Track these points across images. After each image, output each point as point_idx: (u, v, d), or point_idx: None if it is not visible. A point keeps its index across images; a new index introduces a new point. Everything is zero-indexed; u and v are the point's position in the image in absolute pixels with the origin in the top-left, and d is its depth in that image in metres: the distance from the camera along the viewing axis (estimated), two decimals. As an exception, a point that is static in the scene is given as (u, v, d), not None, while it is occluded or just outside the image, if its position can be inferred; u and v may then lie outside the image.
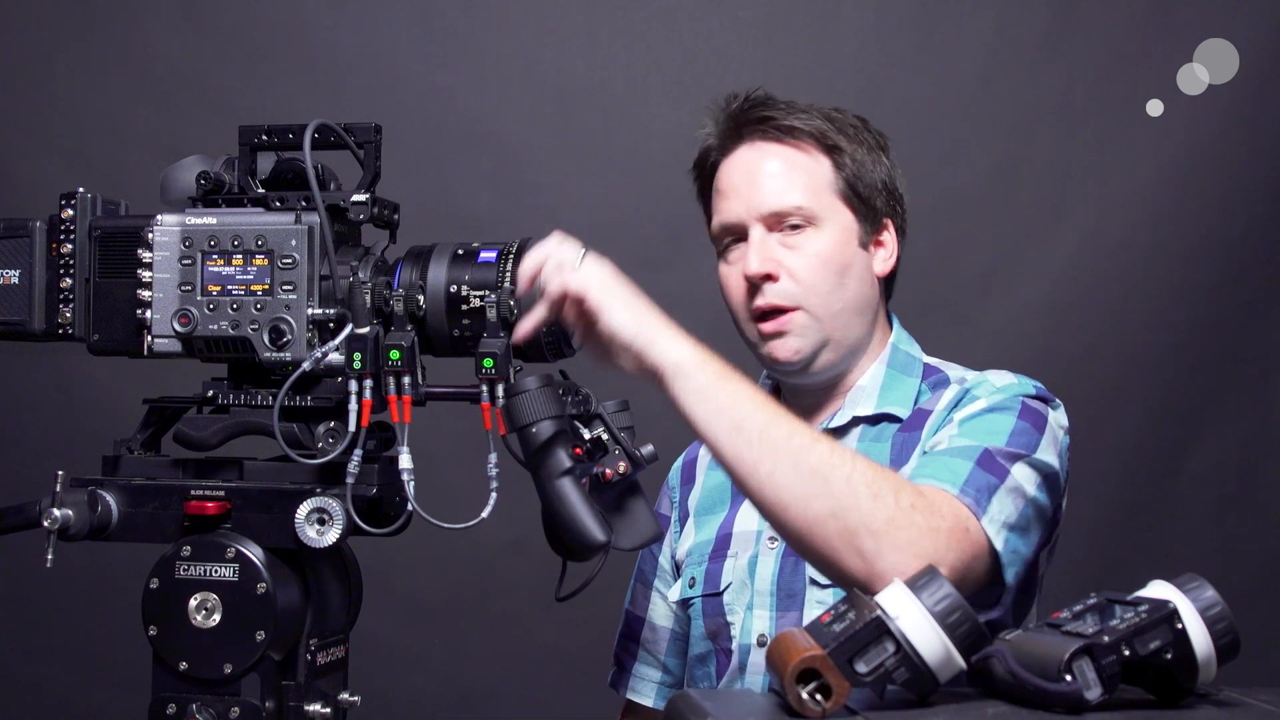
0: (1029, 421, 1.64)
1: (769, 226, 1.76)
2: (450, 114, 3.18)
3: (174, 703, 1.47)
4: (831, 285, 1.74)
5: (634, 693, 1.93)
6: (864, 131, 1.81)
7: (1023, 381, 1.71)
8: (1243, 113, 3.10)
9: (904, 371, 1.80)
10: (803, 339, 1.75)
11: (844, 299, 1.75)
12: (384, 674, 3.05)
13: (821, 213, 1.75)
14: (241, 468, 1.53)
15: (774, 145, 1.78)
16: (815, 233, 1.75)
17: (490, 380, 1.46)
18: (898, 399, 1.77)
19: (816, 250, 1.75)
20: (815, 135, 1.77)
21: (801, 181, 1.76)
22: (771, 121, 1.78)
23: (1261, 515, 3.14)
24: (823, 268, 1.74)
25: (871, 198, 1.78)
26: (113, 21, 3.18)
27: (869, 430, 1.77)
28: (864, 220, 1.78)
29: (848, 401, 1.78)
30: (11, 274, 1.58)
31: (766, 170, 1.77)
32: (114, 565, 2.28)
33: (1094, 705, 1.16)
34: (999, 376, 1.72)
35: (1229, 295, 3.12)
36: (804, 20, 3.19)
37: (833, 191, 1.77)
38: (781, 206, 1.75)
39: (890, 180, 1.81)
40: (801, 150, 1.77)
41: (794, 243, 1.75)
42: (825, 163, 1.77)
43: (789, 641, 1.22)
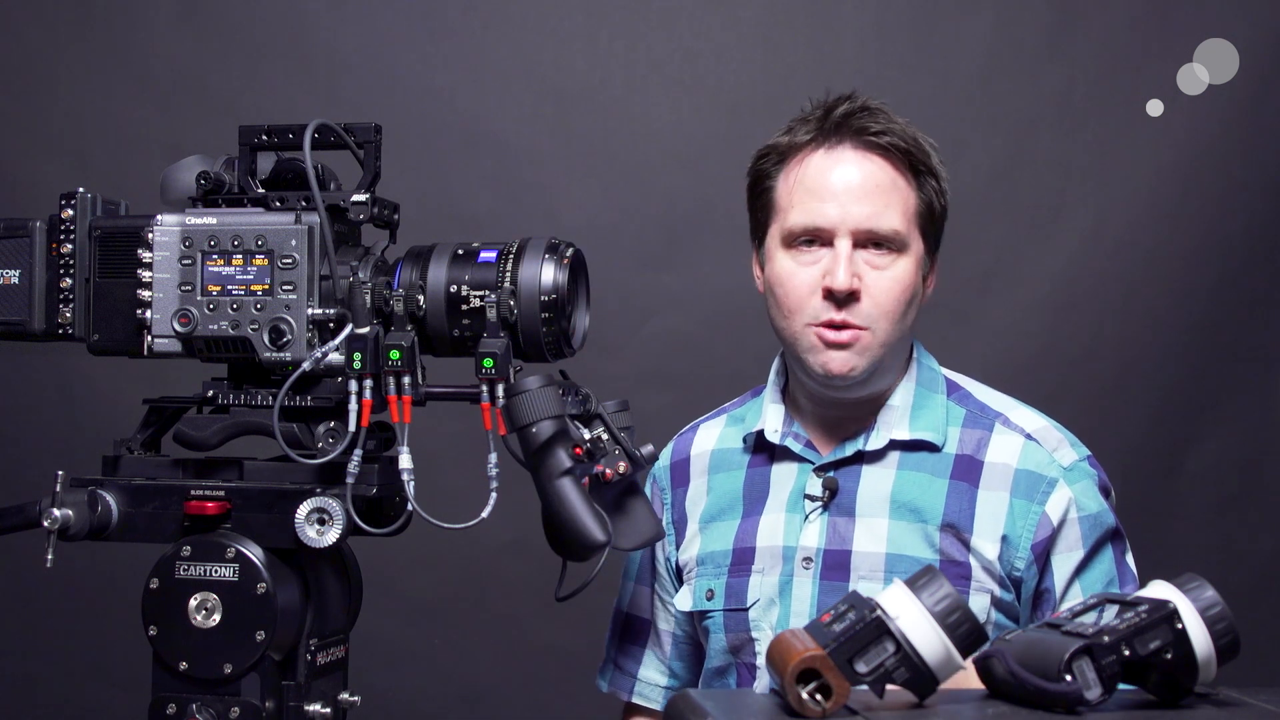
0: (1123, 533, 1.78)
1: (857, 241, 1.71)
2: (450, 114, 3.18)
3: (174, 703, 1.47)
4: (901, 314, 1.72)
5: (640, 697, 1.91)
6: (933, 155, 1.76)
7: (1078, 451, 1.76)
8: (1243, 113, 3.10)
9: (930, 388, 1.79)
10: (861, 358, 1.71)
11: (904, 327, 1.74)
12: (384, 674, 3.04)
13: (909, 239, 1.72)
14: (241, 468, 1.54)
15: (878, 158, 1.72)
16: (900, 259, 1.71)
17: (490, 380, 1.46)
18: (929, 422, 1.75)
19: (898, 277, 1.71)
20: (911, 157, 1.73)
21: (899, 205, 1.72)
22: (880, 135, 1.72)
23: (1261, 515, 3.14)
24: (901, 295, 1.71)
25: (937, 230, 1.77)
26: (113, 21, 3.18)
27: (908, 457, 1.75)
28: (930, 251, 1.76)
29: (880, 422, 1.76)
30: (11, 274, 1.58)
31: (869, 185, 1.71)
32: (114, 565, 2.28)
33: (1094, 705, 1.16)
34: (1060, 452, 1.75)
35: (1229, 295, 3.12)
36: (804, 20, 3.19)
37: (915, 218, 1.74)
38: (880, 227, 1.70)
39: (946, 210, 1.78)
40: (899, 171, 1.73)
41: (881, 264, 1.71)
42: (913, 187, 1.74)
43: (789, 641, 1.21)
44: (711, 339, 3.15)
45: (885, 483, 1.73)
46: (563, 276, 1.50)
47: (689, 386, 3.12)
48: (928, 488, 1.72)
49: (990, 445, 1.73)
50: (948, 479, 1.72)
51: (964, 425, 1.76)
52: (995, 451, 1.73)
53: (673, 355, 3.13)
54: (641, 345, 3.13)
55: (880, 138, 1.72)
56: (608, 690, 1.95)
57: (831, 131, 1.74)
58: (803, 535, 1.74)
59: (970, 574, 1.68)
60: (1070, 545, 1.71)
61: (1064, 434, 1.77)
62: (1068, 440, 1.76)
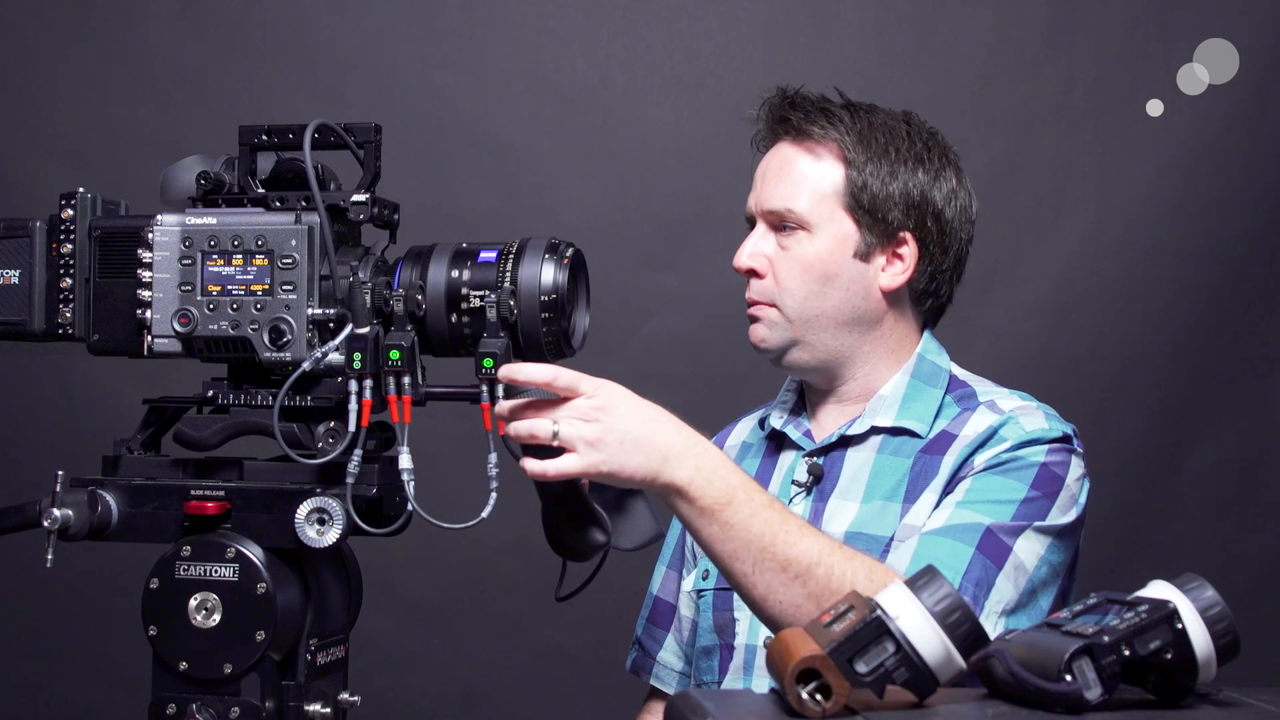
0: (1042, 489, 1.66)
1: (770, 224, 1.80)
2: (450, 114, 3.18)
3: (174, 703, 1.47)
4: (809, 291, 1.76)
5: (658, 680, 1.93)
6: (904, 141, 1.78)
7: (1051, 425, 1.72)
8: (1243, 113, 3.10)
9: (928, 383, 1.79)
10: (770, 331, 1.79)
11: (823, 306, 1.77)
12: (384, 674, 3.05)
13: (817, 219, 1.76)
14: (241, 468, 1.54)
15: (788, 145, 1.81)
16: (806, 237, 1.77)
17: (490, 380, 1.46)
18: (918, 412, 1.77)
19: (800, 254, 1.77)
20: (831, 141, 1.77)
21: (803, 186, 1.77)
22: (790, 123, 1.80)
23: (1261, 515, 3.14)
24: (804, 272, 1.76)
25: (881, 209, 1.76)
26: (113, 21, 3.18)
27: (889, 441, 1.77)
28: (869, 231, 1.77)
29: (867, 410, 1.79)
30: (11, 274, 1.58)
31: (774, 169, 1.80)
32: (114, 565, 2.28)
33: (1094, 705, 1.16)
34: (1028, 419, 1.72)
35: (1229, 295, 3.12)
36: (804, 20, 3.20)
37: (837, 199, 1.77)
38: (774, 206, 1.78)
39: (920, 195, 1.78)
40: (813, 154, 1.79)
41: (787, 243, 1.78)
42: (837, 169, 1.77)
43: (789, 641, 1.21)
44: (711, 339, 3.15)
45: (864, 466, 1.76)
46: (563, 276, 1.50)
47: (689, 386, 3.12)
48: (899, 467, 1.74)
49: (968, 422, 1.74)
50: (916, 454, 1.74)
51: (954, 417, 1.77)
52: (970, 426, 1.73)
53: (673, 355, 3.13)
54: (641, 345, 3.13)
55: (787, 125, 1.80)
56: (630, 669, 1.97)
57: (765, 126, 1.85)
58: None
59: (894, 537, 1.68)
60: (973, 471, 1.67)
61: (1045, 412, 1.75)
62: (1045, 415, 1.74)
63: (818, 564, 1.52)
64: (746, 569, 1.52)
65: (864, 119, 1.79)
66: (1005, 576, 1.60)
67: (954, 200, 1.81)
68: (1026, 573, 1.62)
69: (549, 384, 1.47)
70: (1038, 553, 1.64)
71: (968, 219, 1.83)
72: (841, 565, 1.52)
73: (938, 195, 1.79)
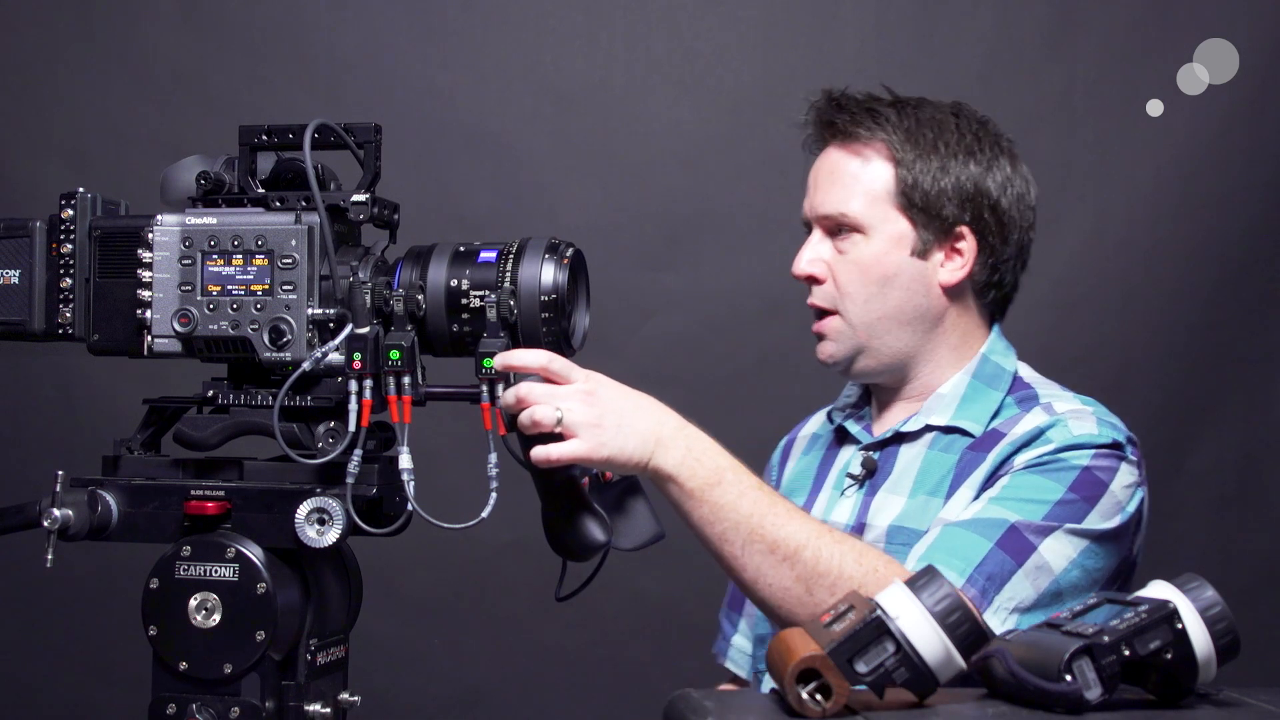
0: (1081, 493, 1.63)
1: (825, 229, 1.79)
2: (450, 114, 3.18)
3: (174, 703, 1.47)
4: (870, 294, 1.75)
5: (732, 663, 1.95)
6: (953, 134, 1.77)
7: (1102, 431, 1.68)
8: (1243, 113, 3.10)
9: (989, 384, 1.77)
10: (837, 345, 1.77)
11: (884, 308, 1.75)
12: (384, 674, 3.04)
13: (871, 220, 1.75)
14: (241, 468, 1.53)
15: (835, 149, 1.80)
16: (862, 240, 1.75)
17: (490, 380, 1.47)
18: (974, 413, 1.75)
19: (858, 257, 1.75)
20: (879, 140, 1.76)
21: (855, 187, 1.76)
22: (837, 126, 1.79)
23: (1261, 515, 3.13)
24: (861, 275, 1.75)
25: (934, 206, 1.75)
26: (113, 21, 3.18)
27: (940, 439, 1.75)
28: (924, 229, 1.75)
29: (925, 408, 1.78)
30: (11, 274, 1.58)
31: (827, 174, 1.79)
32: (114, 565, 2.28)
33: (1094, 705, 1.16)
34: (1079, 423, 1.68)
35: (1229, 295, 3.12)
36: (804, 20, 3.19)
37: (889, 199, 1.75)
38: (828, 211, 1.77)
39: (975, 187, 1.76)
40: (862, 156, 1.77)
41: (843, 247, 1.77)
42: (887, 168, 1.76)
43: (789, 641, 1.22)
44: (711, 339, 3.15)
45: (915, 462, 1.75)
46: (563, 276, 1.50)
47: (689, 386, 3.11)
48: (946, 463, 1.72)
49: (1020, 422, 1.71)
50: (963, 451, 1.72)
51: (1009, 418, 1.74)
52: (1020, 426, 1.71)
53: (673, 355, 3.13)
54: (641, 345, 3.13)
55: (834, 128, 1.79)
56: (714, 652, 1.98)
57: (814, 131, 1.83)
58: (835, 511, 1.79)
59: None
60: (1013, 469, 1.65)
61: (1101, 418, 1.70)
62: (1098, 421, 1.70)
63: (805, 546, 1.52)
64: (736, 550, 1.53)
65: (911, 115, 1.78)
66: (1024, 574, 1.57)
67: (1009, 188, 1.78)
68: (1052, 574, 1.59)
69: (544, 368, 1.47)
70: (1068, 555, 1.60)
71: (1026, 205, 1.81)
72: (830, 549, 1.53)
73: (992, 185, 1.77)
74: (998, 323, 1.86)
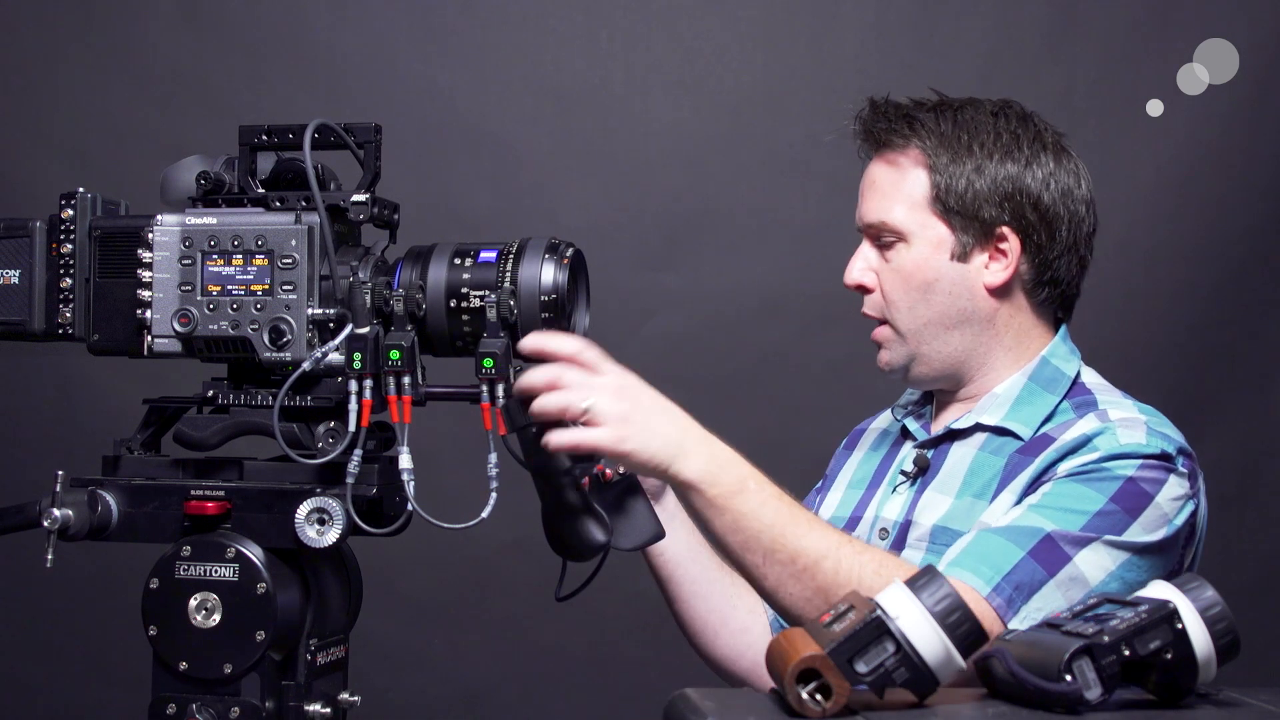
0: (1123, 504, 1.60)
1: (871, 238, 1.79)
2: (450, 114, 3.18)
3: (174, 703, 1.47)
4: (913, 300, 1.74)
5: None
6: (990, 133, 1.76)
7: (1150, 441, 1.64)
8: (1243, 113, 3.10)
9: (1045, 387, 1.75)
10: (890, 352, 1.78)
11: (928, 313, 1.74)
12: (384, 674, 3.05)
13: (910, 226, 1.74)
14: (241, 468, 1.54)
15: (879, 159, 1.80)
16: (904, 248, 1.75)
17: (490, 380, 1.46)
18: (1025, 415, 1.73)
19: (900, 265, 1.75)
20: (915, 148, 1.76)
21: (897, 196, 1.76)
22: (875, 135, 1.79)
23: (1261, 515, 3.13)
24: (904, 283, 1.75)
25: (971, 209, 1.73)
26: (113, 21, 3.18)
27: (992, 440, 1.74)
28: (963, 232, 1.74)
29: (978, 407, 1.76)
30: (11, 274, 1.58)
31: (869, 183, 1.80)
32: (114, 565, 2.28)
33: (1094, 705, 1.16)
34: (1128, 431, 1.66)
35: (1229, 295, 3.12)
36: (804, 20, 3.19)
37: (927, 205, 1.75)
38: (871, 220, 1.78)
39: (1014, 186, 1.74)
40: (899, 165, 1.77)
41: (888, 256, 1.77)
42: (922, 176, 1.75)
43: (789, 641, 1.22)
44: (711, 339, 3.15)
45: (964, 461, 1.74)
46: (563, 276, 1.50)
47: (689, 386, 3.10)
48: (994, 465, 1.70)
49: (1071, 427, 1.69)
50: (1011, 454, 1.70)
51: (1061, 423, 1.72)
52: (1070, 431, 1.68)
53: (673, 355, 3.13)
54: (641, 345, 3.13)
55: (873, 137, 1.79)
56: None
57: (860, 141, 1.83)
58: (885, 507, 1.79)
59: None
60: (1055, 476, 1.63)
61: (1152, 426, 1.67)
62: (1149, 431, 1.66)
63: (825, 557, 1.52)
64: (758, 560, 1.52)
65: (949, 119, 1.78)
66: (1056, 585, 1.54)
67: (1052, 184, 1.75)
68: (1087, 585, 1.56)
69: (576, 355, 1.47)
70: (1106, 567, 1.57)
71: (1076, 199, 1.77)
72: (850, 560, 1.52)
73: (1032, 183, 1.75)
74: (1065, 323, 1.83)
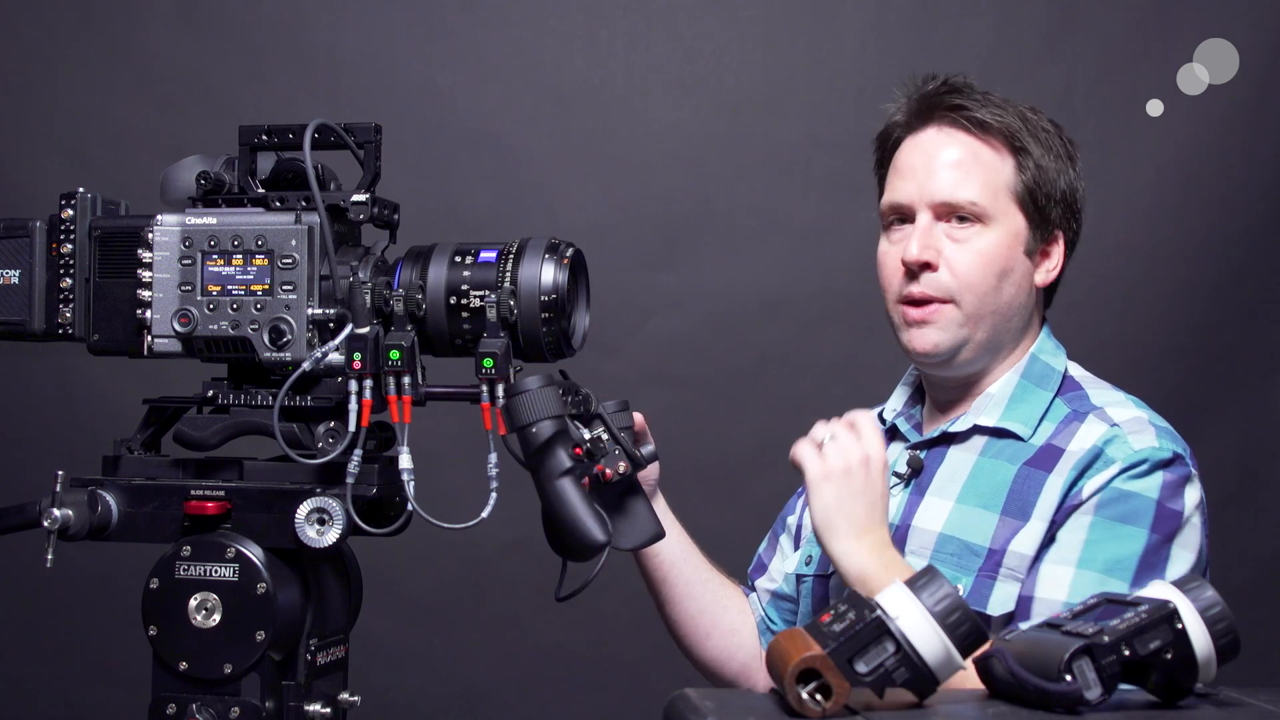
0: (1161, 530, 1.61)
1: (937, 215, 1.73)
2: (450, 114, 3.19)
3: (174, 703, 1.47)
4: (990, 285, 1.72)
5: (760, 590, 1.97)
6: (1055, 138, 1.76)
7: (1162, 444, 1.65)
8: (1243, 113, 3.10)
9: (1038, 384, 1.76)
10: (944, 333, 1.72)
11: (998, 302, 1.73)
12: (384, 674, 3.05)
13: (994, 212, 1.72)
14: (241, 468, 1.53)
15: (961, 134, 1.75)
16: (984, 230, 1.72)
17: (490, 380, 1.46)
18: (1023, 415, 1.73)
19: (982, 248, 1.72)
20: (1005, 133, 1.73)
21: (981, 177, 1.72)
22: (964, 111, 1.74)
23: (1261, 515, 3.13)
24: (985, 266, 1.71)
25: (1048, 207, 1.74)
26: (113, 21, 3.18)
27: (992, 444, 1.73)
28: (1036, 228, 1.74)
29: (973, 408, 1.76)
30: (11, 274, 1.58)
31: (947, 158, 1.74)
32: (114, 565, 2.27)
33: (1094, 705, 1.16)
34: (1138, 437, 1.66)
35: (1229, 295, 3.12)
36: (804, 20, 3.19)
37: (1010, 193, 1.73)
38: (954, 198, 1.72)
39: (1071, 193, 1.76)
40: (988, 145, 1.74)
41: (961, 236, 1.72)
42: (1010, 163, 1.73)
43: (789, 641, 1.21)
44: (711, 339, 3.15)
45: (964, 466, 1.73)
46: (563, 276, 1.50)
47: (689, 386, 3.12)
48: (1002, 475, 1.70)
49: (1076, 435, 1.69)
50: (1021, 465, 1.70)
51: (1061, 421, 1.72)
52: (1077, 440, 1.68)
53: (673, 355, 3.13)
54: (641, 345, 3.13)
55: (960, 113, 1.74)
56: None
57: (916, 114, 1.78)
58: None
59: (1001, 562, 1.66)
60: (1085, 510, 1.63)
61: (1158, 427, 1.68)
62: (1157, 431, 1.67)
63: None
64: None
65: (1021, 111, 1.76)
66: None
67: (1083, 194, 1.79)
68: None
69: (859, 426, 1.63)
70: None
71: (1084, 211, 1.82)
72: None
73: (1081, 192, 1.78)
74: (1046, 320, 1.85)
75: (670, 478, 1.87)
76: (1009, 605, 1.63)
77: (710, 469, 3.00)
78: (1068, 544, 1.62)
